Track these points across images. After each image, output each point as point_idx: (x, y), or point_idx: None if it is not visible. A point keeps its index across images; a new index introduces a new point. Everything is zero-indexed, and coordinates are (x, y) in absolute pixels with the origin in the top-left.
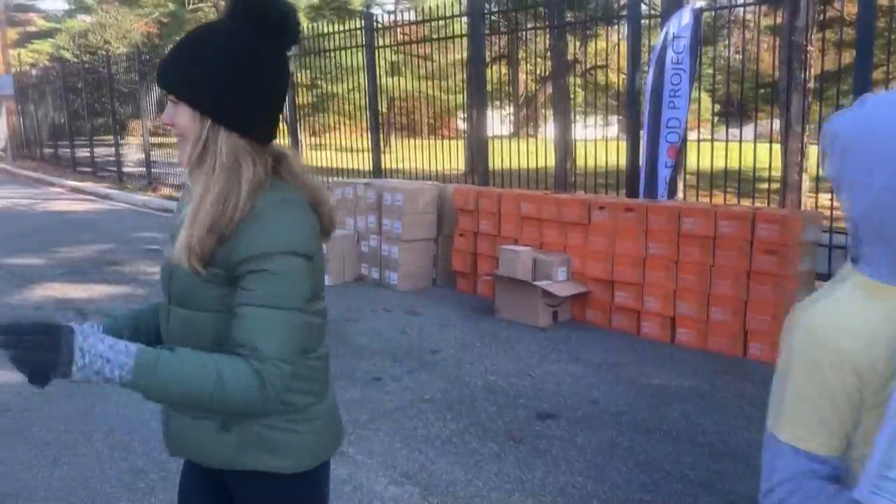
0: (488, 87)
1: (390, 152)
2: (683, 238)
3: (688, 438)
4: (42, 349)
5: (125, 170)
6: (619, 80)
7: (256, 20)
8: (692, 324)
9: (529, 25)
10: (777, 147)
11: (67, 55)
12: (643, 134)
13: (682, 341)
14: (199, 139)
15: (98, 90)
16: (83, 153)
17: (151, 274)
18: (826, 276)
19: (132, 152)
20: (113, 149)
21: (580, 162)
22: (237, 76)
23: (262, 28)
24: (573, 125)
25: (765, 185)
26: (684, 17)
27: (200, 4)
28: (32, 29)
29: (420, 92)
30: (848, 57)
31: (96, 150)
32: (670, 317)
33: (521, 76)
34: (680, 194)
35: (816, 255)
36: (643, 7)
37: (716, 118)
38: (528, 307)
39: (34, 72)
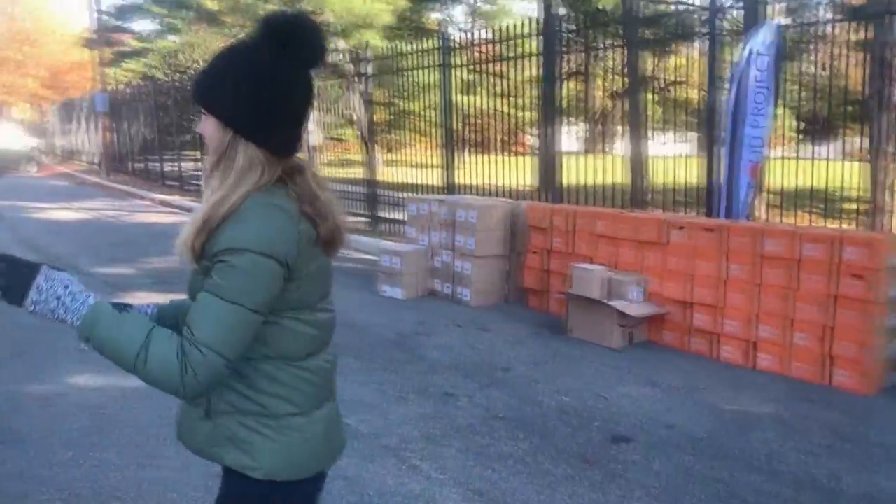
0: (563, 103)
1: (462, 168)
2: (765, 260)
3: (768, 467)
4: (2, 276)
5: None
6: (698, 97)
7: (280, 39)
8: (774, 348)
9: (604, 43)
10: (865, 166)
11: (158, 74)
12: (722, 152)
13: (764, 366)
14: (220, 147)
15: (186, 107)
16: (171, 167)
17: None
18: None
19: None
20: (198, 163)
21: (656, 179)
22: (256, 92)
23: (284, 47)
24: (648, 142)
25: (852, 206)
26: (766, 34)
27: None
28: (126, 49)
29: (493, 108)
30: None
31: (183, 164)
32: (751, 341)
33: (595, 92)
34: (761, 214)
35: None
36: (723, 23)
37: (800, 136)
38: (602, 327)
39: (127, 90)
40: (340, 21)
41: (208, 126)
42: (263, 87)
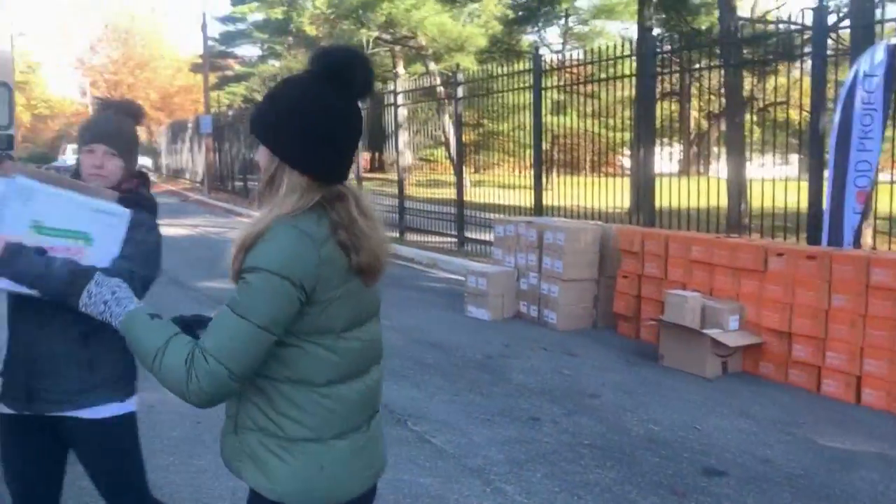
0: (659, 124)
1: (552, 189)
2: (872, 290)
3: None
4: (66, 283)
5: None
6: (800, 118)
7: (329, 72)
8: (881, 384)
9: (702, 64)
10: None
11: (258, 97)
12: (828, 176)
13: (869, 402)
14: (268, 174)
15: None
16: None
17: None
18: None
19: None
20: None
21: (755, 203)
22: (301, 122)
23: (332, 80)
24: (748, 164)
25: None
26: (877, 55)
27: (377, 49)
28: (229, 73)
29: (585, 129)
30: None
31: None
32: (856, 375)
33: (693, 112)
34: (868, 241)
35: None
36: (829, 42)
37: None
38: (696, 356)
39: (229, 112)
40: (434, 45)
41: (261, 154)
42: (307, 118)
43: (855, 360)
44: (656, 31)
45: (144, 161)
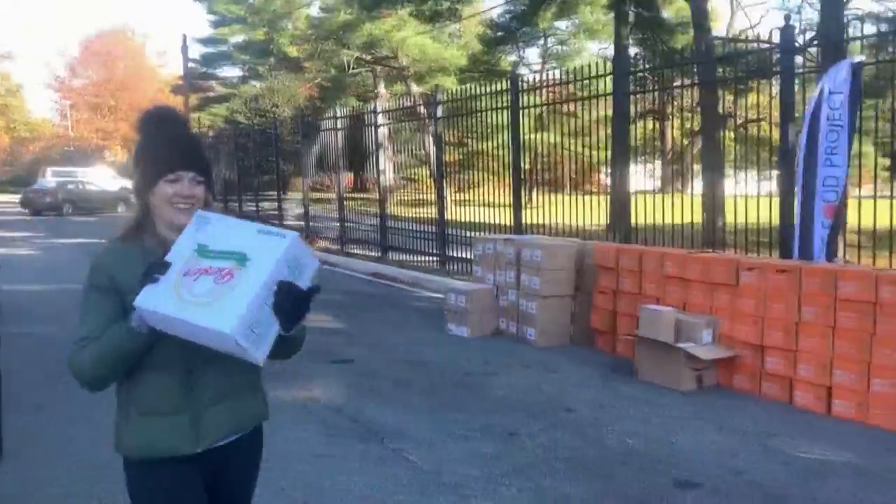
0: (635, 142)
1: (532, 208)
2: (841, 303)
3: None
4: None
5: (287, 223)
6: (772, 134)
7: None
8: (851, 395)
9: (677, 83)
10: None
11: (240, 118)
12: (797, 192)
13: (840, 413)
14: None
15: (265, 149)
16: (250, 207)
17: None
18: None
19: (293, 207)
20: (276, 203)
21: (731, 219)
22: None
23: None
24: (724, 180)
25: None
26: (842, 72)
27: (360, 69)
28: (211, 94)
29: (564, 148)
30: None
31: (262, 204)
32: (826, 386)
33: (671, 131)
34: (841, 254)
35: None
36: (799, 59)
37: (886, 173)
38: (670, 370)
39: (211, 133)
40: (415, 65)
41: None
42: None
43: (825, 371)
44: (633, 51)
45: (126, 183)
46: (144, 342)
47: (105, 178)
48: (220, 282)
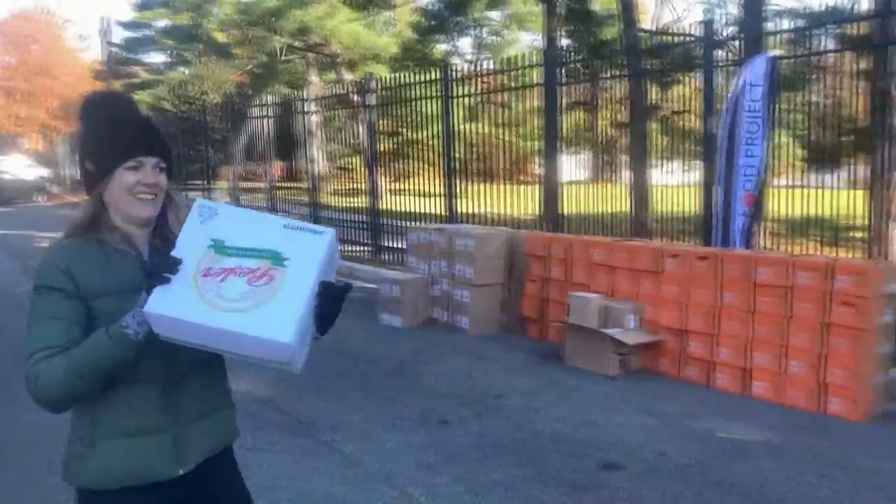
0: (566, 133)
1: (466, 197)
2: (759, 288)
3: (759, 495)
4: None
5: None
6: (696, 126)
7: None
8: (768, 376)
9: (606, 74)
10: (868, 195)
11: (167, 105)
12: (718, 181)
13: (758, 394)
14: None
15: (193, 137)
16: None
17: None
18: None
19: (222, 196)
20: (204, 193)
21: (658, 208)
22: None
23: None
24: (651, 171)
25: (854, 234)
26: (760, 66)
27: (292, 56)
28: (136, 80)
29: (497, 138)
30: None
31: (190, 193)
32: (745, 368)
33: (601, 122)
34: (762, 243)
35: None
36: (722, 54)
37: (805, 165)
38: (598, 355)
39: None
40: (347, 53)
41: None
42: None
43: (744, 354)
44: (564, 42)
45: (43, 172)
46: (136, 351)
47: (20, 166)
48: (255, 284)
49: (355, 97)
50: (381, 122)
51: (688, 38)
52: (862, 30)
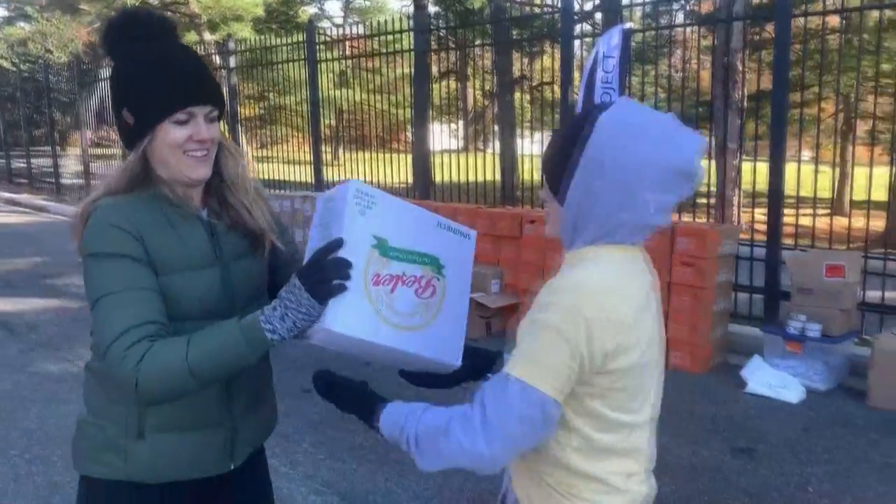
0: (438, 102)
1: (338, 165)
2: None
3: None
4: None
5: (63, 181)
6: (553, 95)
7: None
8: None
9: (475, 42)
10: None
11: (5, 63)
12: None
13: None
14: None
15: (38, 100)
16: (20, 164)
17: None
18: (746, 288)
19: (71, 164)
20: (51, 160)
21: (526, 177)
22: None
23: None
24: (519, 140)
25: (706, 201)
26: (614, 38)
27: None
28: None
29: (369, 105)
30: None
31: (34, 160)
32: None
33: (472, 91)
34: None
35: (735, 267)
36: (586, 27)
37: None
38: None
39: None
40: (208, 13)
41: (217, 129)
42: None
43: None
44: (433, 10)
45: None
46: (263, 355)
47: None
48: (423, 296)
49: (216, 59)
50: (245, 86)
51: (549, 10)
52: (709, 7)
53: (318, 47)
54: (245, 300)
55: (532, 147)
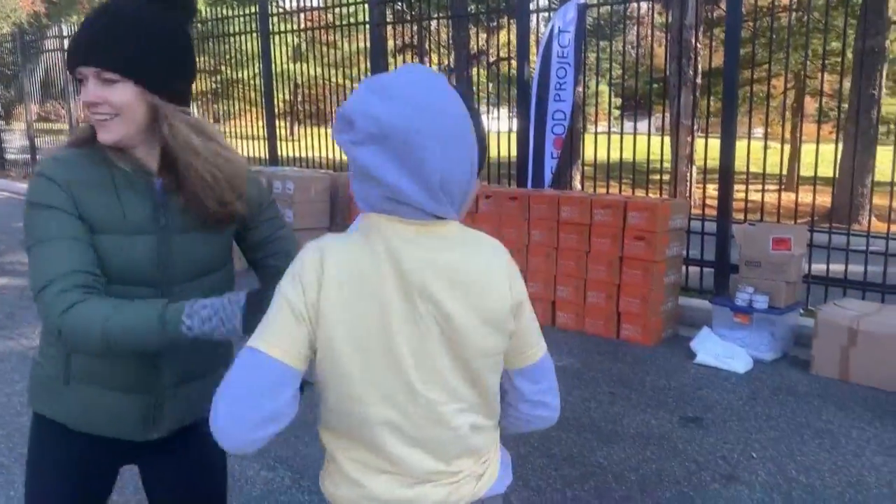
0: None
1: (294, 141)
2: (562, 225)
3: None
4: None
5: (8, 157)
6: (509, 70)
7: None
8: (571, 307)
9: (431, 15)
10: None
11: None
12: (531, 125)
13: (562, 324)
14: (146, 113)
15: None
16: None
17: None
18: (696, 261)
19: (16, 138)
20: None
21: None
22: (175, 52)
23: (173, 5)
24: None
25: (660, 177)
26: (569, 13)
27: None
28: None
29: (325, 80)
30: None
31: None
32: (551, 301)
33: (431, 66)
34: (578, 185)
35: (686, 241)
36: (542, 1)
37: (620, 112)
38: None
39: None
40: None
41: (119, 93)
42: (182, 47)
43: (550, 287)
44: None
45: None
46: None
47: None
48: None
49: None
50: (198, 59)
51: None
52: None
53: (271, 19)
54: (187, 275)
55: (489, 123)
